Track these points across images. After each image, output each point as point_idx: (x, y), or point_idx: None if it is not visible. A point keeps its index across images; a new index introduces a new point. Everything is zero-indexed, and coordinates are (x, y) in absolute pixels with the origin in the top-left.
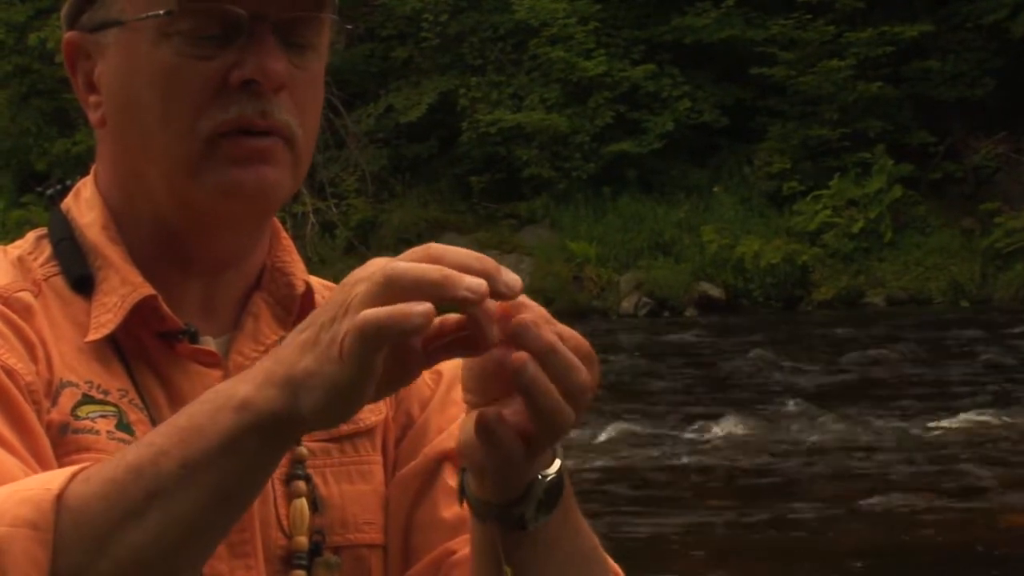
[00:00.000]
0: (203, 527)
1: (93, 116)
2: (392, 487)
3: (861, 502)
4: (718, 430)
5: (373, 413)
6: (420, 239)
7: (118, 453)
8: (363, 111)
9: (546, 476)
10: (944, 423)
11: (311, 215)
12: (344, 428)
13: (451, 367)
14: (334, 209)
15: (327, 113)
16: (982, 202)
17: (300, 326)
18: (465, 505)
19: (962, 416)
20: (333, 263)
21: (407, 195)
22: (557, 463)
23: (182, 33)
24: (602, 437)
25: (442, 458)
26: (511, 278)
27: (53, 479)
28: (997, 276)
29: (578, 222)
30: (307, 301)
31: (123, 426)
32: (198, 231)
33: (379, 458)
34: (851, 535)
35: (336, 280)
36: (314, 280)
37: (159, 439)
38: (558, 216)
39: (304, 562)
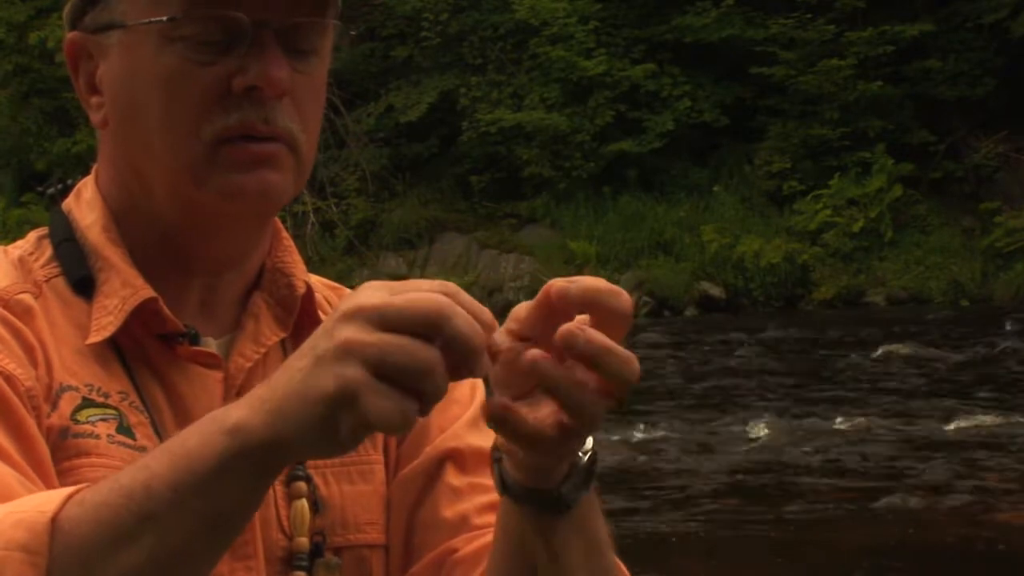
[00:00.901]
0: (196, 550)
1: (95, 117)
2: (394, 487)
3: (863, 501)
4: (719, 429)
5: None
6: (420, 238)
7: (112, 476)
8: (363, 110)
9: (585, 453)
10: (945, 422)
11: (311, 214)
12: None
13: None
14: (334, 208)
15: (328, 113)
16: (982, 201)
17: (298, 352)
18: (503, 495)
19: (963, 415)
20: (333, 262)
21: (407, 194)
22: (590, 440)
23: (185, 38)
24: (602, 436)
25: (444, 457)
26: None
27: (48, 501)
28: (997, 275)
29: (578, 221)
30: (308, 302)
31: (124, 429)
32: (199, 233)
33: (380, 458)
34: (853, 534)
35: (337, 279)
36: (315, 279)
37: (153, 462)
38: (558, 215)
39: (305, 563)
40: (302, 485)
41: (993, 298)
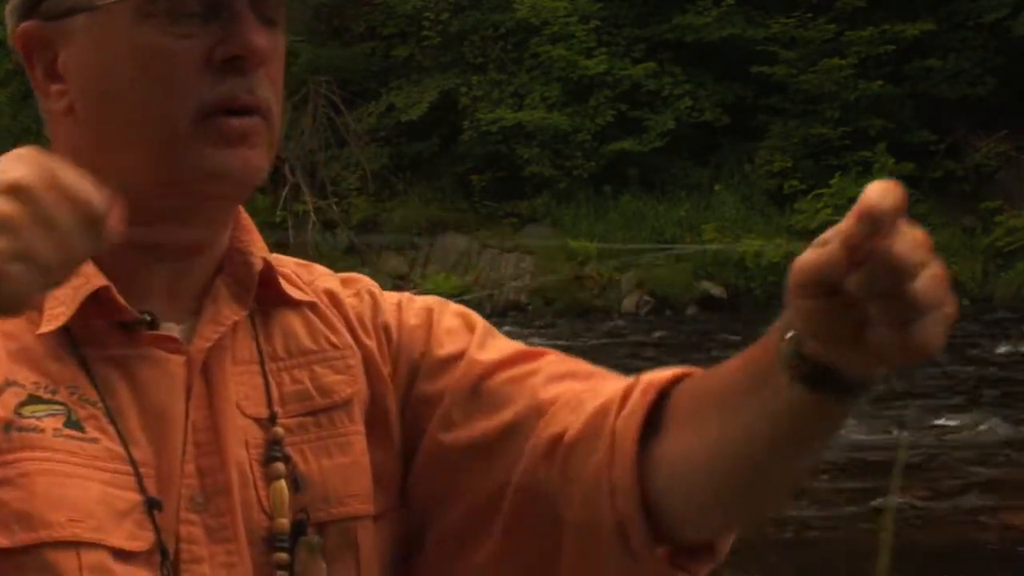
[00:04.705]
0: None
1: (56, 106)
2: (448, 445)
3: (863, 501)
4: None
5: (347, 385)
6: (421, 237)
7: None
8: (364, 109)
9: None
10: (945, 422)
11: (312, 214)
12: (318, 402)
13: (435, 302)
14: (335, 208)
15: (328, 111)
16: (983, 200)
17: None
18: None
19: (962, 415)
20: (334, 261)
21: (408, 193)
22: None
23: (162, 12)
24: None
25: (476, 382)
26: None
27: None
28: (998, 274)
29: (579, 220)
30: (268, 276)
31: (72, 424)
32: (175, 217)
33: (358, 428)
34: (852, 533)
35: None
36: (285, 259)
37: None
38: (559, 215)
39: (286, 544)
40: (280, 466)
41: (994, 297)
